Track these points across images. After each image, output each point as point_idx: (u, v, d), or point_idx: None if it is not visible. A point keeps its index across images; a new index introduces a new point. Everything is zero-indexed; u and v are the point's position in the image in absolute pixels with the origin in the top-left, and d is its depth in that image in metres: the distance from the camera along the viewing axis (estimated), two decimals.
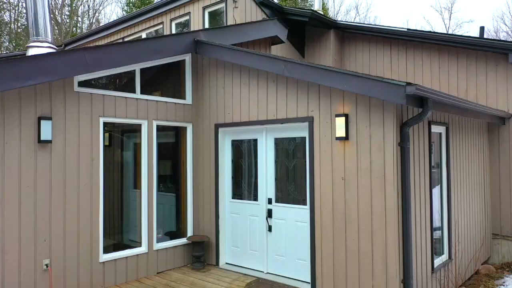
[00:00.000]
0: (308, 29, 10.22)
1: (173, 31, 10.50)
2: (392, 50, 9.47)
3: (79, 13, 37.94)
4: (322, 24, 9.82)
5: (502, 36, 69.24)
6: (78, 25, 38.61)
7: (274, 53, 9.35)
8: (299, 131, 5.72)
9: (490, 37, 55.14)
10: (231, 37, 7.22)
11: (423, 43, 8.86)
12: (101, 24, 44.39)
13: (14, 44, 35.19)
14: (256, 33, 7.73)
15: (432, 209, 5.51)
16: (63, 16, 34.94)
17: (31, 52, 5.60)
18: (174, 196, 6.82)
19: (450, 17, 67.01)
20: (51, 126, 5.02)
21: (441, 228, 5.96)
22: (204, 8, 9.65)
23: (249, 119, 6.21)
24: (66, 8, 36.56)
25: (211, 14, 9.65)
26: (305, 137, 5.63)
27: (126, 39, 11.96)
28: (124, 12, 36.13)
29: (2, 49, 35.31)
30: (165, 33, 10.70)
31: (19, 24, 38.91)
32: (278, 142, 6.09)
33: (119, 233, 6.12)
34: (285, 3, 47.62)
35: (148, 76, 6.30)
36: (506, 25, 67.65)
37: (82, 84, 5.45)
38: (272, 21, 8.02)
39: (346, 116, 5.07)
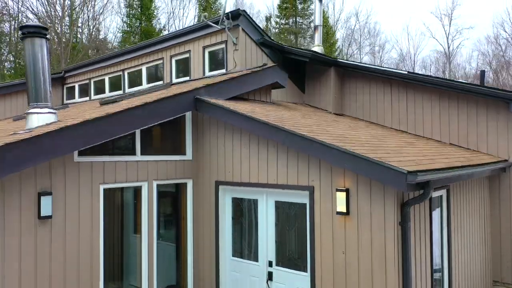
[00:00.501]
0: (309, 66, 10.20)
1: (173, 67, 10.49)
2: (393, 90, 9.46)
3: (79, 23, 37.94)
4: (323, 62, 9.80)
5: (502, 42, 69.27)
6: (78, 35, 38.61)
7: (273, 91, 9.31)
8: (300, 197, 5.70)
9: (490, 84, 55.11)
10: (232, 89, 7.22)
11: (423, 86, 8.85)
12: (100, 33, 44.42)
13: (13, 55, 35.09)
14: (257, 82, 7.72)
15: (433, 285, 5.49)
16: (63, 28, 34.90)
17: (31, 119, 5.58)
18: (175, 252, 6.80)
19: (450, 23, 67.06)
20: (51, 201, 5.00)
21: None
22: (204, 48, 9.64)
23: (250, 180, 6.20)
24: (66, 19, 36.57)
25: (211, 53, 9.64)
26: (305, 204, 5.61)
27: (126, 72, 11.96)
28: (124, 24, 36.12)
29: (2, 60, 35.23)
30: (164, 69, 10.69)
31: (19, 34, 38.92)
32: (279, 205, 6.07)
33: None
34: (285, 12, 47.57)
35: (148, 134, 6.28)
36: (506, 32, 67.73)
37: (82, 152, 5.43)
38: (273, 68, 8.02)
39: (347, 191, 5.06)
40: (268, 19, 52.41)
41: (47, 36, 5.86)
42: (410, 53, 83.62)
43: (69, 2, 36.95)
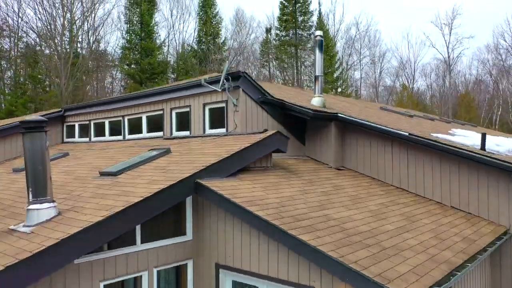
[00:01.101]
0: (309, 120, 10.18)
1: (173, 120, 10.47)
2: (394, 148, 9.45)
3: (79, 38, 37.93)
4: (323, 118, 9.79)
5: (502, 52, 69.07)
6: (79, 50, 38.59)
7: None
8: None
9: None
10: (234, 165, 7.20)
11: (424, 147, 8.83)
12: (101, 45, 44.41)
13: (13, 71, 35.03)
14: (258, 153, 7.70)
15: None
16: (63, 43, 34.90)
17: (31, 215, 5.56)
18: None
19: (450, 33, 67.28)
20: None
21: None
22: (204, 105, 9.63)
23: (250, 268, 6.18)
24: (66, 34, 36.56)
25: (211, 110, 9.63)
26: None
27: (126, 118, 11.94)
28: (124, 40, 36.08)
29: (3, 77, 35.19)
30: (165, 120, 10.67)
31: (18, 48, 38.90)
32: None
33: None
34: (285, 25, 47.53)
35: (148, 221, 6.25)
36: (506, 41, 67.61)
37: None
38: (274, 136, 8.00)
39: None
40: (268, 30, 52.45)
41: (46, 129, 5.84)
42: (410, 61, 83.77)
43: (69, 16, 37.00)
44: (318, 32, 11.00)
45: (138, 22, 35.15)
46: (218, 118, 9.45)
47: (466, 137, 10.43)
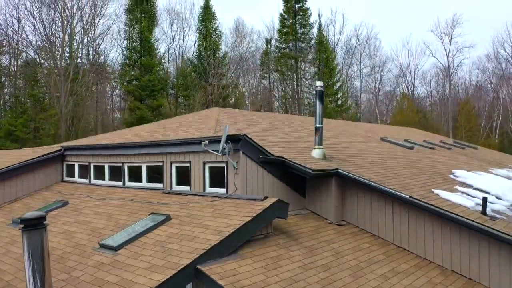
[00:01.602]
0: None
1: (173, 173, 10.45)
2: (394, 208, 9.42)
3: (79, 53, 37.90)
4: (324, 174, 9.77)
5: (502, 61, 69.04)
6: (79, 65, 38.56)
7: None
8: None
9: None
10: (235, 242, 7.19)
11: (424, 211, 8.81)
12: (101, 57, 44.39)
13: (12, 89, 34.96)
14: (258, 225, 7.69)
15: None
16: (63, 60, 34.90)
17: None
18: None
19: (450, 42, 67.41)
20: None
21: None
22: (204, 163, 9.60)
23: None
24: (66, 50, 36.54)
25: (211, 168, 9.61)
26: None
27: (126, 164, 11.91)
28: (124, 56, 36.15)
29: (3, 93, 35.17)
30: (165, 172, 10.65)
31: (18, 64, 38.88)
32: None
33: None
34: (285, 37, 47.53)
35: None
36: (506, 51, 67.74)
37: None
38: (275, 205, 7.98)
39: None
40: (268, 42, 52.54)
41: (46, 224, 5.82)
42: (410, 69, 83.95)
43: (69, 30, 37.01)
44: (319, 83, 10.98)
45: (138, 38, 35.16)
46: (218, 177, 9.42)
47: (467, 195, 10.35)
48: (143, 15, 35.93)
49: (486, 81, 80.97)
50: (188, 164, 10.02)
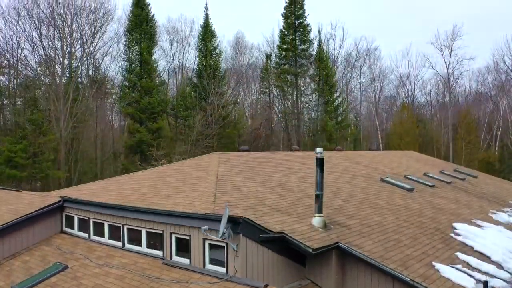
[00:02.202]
0: None
1: (173, 243, 10.42)
2: (395, 286, 9.38)
3: (79, 72, 37.85)
4: (324, 250, 9.73)
5: (502, 73, 69.03)
6: (79, 79, 38.48)
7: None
8: None
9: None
10: None
11: None
12: (100, 73, 44.35)
13: (12, 110, 34.93)
14: None
15: None
16: (63, 79, 34.86)
17: None
18: None
19: (450, 54, 67.47)
20: None
21: None
22: (204, 239, 9.57)
23: None
24: (66, 71, 36.49)
25: (211, 245, 9.57)
26: None
27: (125, 226, 11.87)
28: (124, 78, 36.07)
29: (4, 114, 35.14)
30: (165, 241, 10.60)
31: (18, 81, 38.81)
32: None
33: None
34: (285, 54, 47.48)
35: None
36: (506, 64, 67.85)
37: None
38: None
39: None
40: (268, 57, 52.57)
41: None
42: (410, 79, 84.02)
43: (69, 49, 36.97)
44: (319, 149, 10.95)
45: (137, 60, 35.12)
46: (218, 255, 9.38)
47: (468, 269, 10.27)
48: (142, 36, 35.91)
49: (486, 90, 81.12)
50: (188, 237, 9.98)
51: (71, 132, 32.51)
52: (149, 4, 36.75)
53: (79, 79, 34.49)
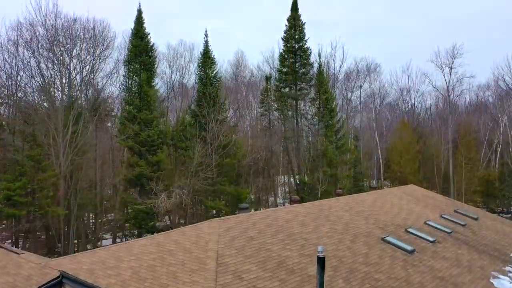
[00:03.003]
0: None
1: None
2: None
3: (79, 98, 37.77)
4: None
5: (503, 92, 69.04)
6: (79, 109, 38.39)
7: None
8: None
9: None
10: None
11: None
12: (100, 96, 44.25)
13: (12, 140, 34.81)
14: None
15: None
16: (62, 112, 34.77)
17: None
18: None
19: (450, 72, 67.56)
20: None
21: None
22: None
23: None
24: (65, 97, 36.40)
25: None
26: None
27: None
28: (122, 110, 35.95)
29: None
30: None
31: (16, 114, 38.71)
32: None
33: None
34: (285, 77, 47.46)
35: None
36: (506, 83, 67.92)
37: None
38: None
39: None
40: (268, 78, 52.59)
41: None
42: (410, 93, 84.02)
43: (67, 74, 36.91)
44: (320, 248, 10.83)
45: (137, 92, 34.97)
46: None
47: None
48: (142, 67, 35.84)
49: (486, 101, 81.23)
50: None
51: (71, 164, 32.39)
52: (149, 34, 36.74)
53: (79, 109, 34.27)
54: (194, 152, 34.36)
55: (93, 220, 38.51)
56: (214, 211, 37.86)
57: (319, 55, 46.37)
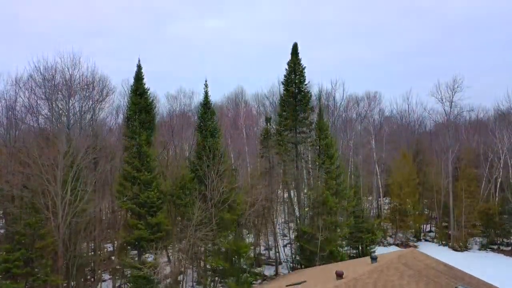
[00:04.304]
0: None
1: None
2: None
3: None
4: None
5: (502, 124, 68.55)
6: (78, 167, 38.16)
7: None
8: None
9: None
10: None
11: None
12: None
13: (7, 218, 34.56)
14: None
15: None
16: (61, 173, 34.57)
17: None
18: None
19: (451, 105, 67.47)
20: None
21: None
22: None
23: None
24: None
25: None
26: None
27: None
28: (121, 169, 35.69)
29: None
30: None
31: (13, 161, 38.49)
32: None
33: None
34: (285, 122, 47.33)
35: None
36: (504, 113, 67.66)
37: None
38: None
39: None
40: (268, 120, 52.49)
41: None
42: (410, 121, 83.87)
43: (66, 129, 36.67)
44: None
45: (136, 153, 34.67)
46: None
47: None
48: (142, 126, 35.64)
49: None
50: None
51: (69, 228, 32.18)
52: (148, 89, 36.50)
53: (78, 166, 34.04)
54: (194, 211, 34.17)
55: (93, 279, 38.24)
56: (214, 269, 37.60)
57: (319, 99, 46.23)
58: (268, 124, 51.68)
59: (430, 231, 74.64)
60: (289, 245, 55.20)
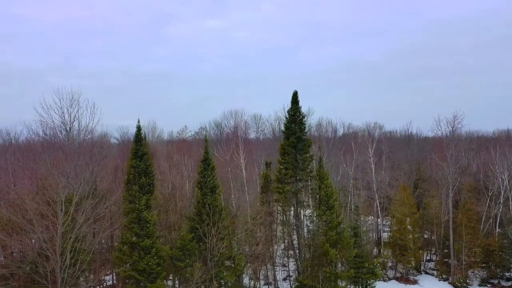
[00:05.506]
0: None
1: None
2: None
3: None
4: None
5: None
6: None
7: None
8: None
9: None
10: None
11: None
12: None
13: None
14: None
15: None
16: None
17: None
18: None
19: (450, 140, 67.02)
20: None
21: None
22: None
23: None
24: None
25: None
26: None
27: None
28: (122, 238, 35.65)
29: None
30: None
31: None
32: None
33: None
34: (285, 172, 47.28)
35: None
36: (506, 154, 67.60)
37: None
38: None
39: None
40: (268, 165, 52.46)
41: None
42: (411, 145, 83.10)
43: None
44: None
45: (135, 218, 34.49)
46: None
47: None
48: (141, 190, 35.49)
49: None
50: None
51: (69, 271, 32.11)
52: (145, 154, 36.34)
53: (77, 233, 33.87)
54: (194, 274, 34.02)
55: None
56: None
57: (320, 148, 46.20)
58: (268, 168, 51.63)
59: (431, 260, 74.63)
60: (288, 277, 55.07)
